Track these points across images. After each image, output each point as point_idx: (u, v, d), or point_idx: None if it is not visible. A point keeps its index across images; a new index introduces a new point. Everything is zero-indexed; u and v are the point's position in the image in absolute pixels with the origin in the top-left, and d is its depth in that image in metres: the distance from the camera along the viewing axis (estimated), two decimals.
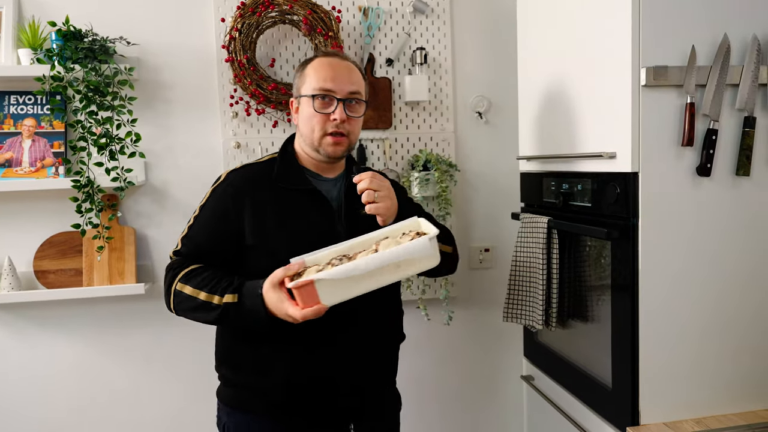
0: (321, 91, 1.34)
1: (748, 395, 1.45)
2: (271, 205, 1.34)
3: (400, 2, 2.13)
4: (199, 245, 1.36)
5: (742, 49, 1.37)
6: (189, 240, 1.38)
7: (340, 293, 1.17)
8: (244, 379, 1.37)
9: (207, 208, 1.38)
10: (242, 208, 1.33)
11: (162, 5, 2.01)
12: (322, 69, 1.36)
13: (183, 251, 1.37)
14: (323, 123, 1.35)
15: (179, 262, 1.34)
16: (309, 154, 1.40)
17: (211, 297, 1.26)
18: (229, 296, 1.24)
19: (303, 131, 1.39)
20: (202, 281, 1.28)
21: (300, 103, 1.39)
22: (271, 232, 1.33)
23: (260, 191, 1.36)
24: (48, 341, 2.02)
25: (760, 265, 1.43)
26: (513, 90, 2.02)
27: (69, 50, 1.81)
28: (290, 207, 1.36)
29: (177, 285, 1.30)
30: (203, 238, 1.36)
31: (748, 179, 1.40)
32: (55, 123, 1.94)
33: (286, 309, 1.18)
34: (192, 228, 1.38)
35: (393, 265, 1.17)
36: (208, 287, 1.27)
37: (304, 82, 1.38)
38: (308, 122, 1.36)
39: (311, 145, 1.38)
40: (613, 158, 1.42)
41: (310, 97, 1.35)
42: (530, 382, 1.96)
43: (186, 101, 2.04)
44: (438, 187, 2.09)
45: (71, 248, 1.98)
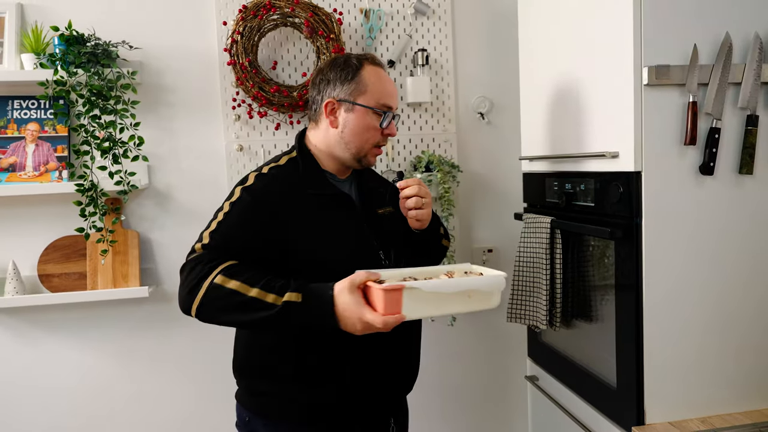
0: (385, 108, 1.37)
1: (753, 394, 1.45)
2: (304, 210, 1.32)
3: (401, 4, 2.14)
4: (232, 242, 1.27)
5: (744, 48, 1.37)
6: (220, 236, 1.28)
7: (420, 308, 1.17)
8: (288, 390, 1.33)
9: (238, 209, 1.30)
10: (278, 214, 1.30)
11: (164, 9, 2.02)
12: (383, 83, 1.38)
13: (213, 245, 1.27)
14: (379, 138, 1.38)
15: (210, 256, 1.24)
16: (339, 158, 1.39)
17: (264, 294, 1.18)
18: (292, 294, 1.17)
19: (351, 139, 1.37)
20: (253, 277, 1.20)
21: (353, 111, 1.36)
22: (307, 238, 1.30)
23: (293, 196, 1.33)
24: (52, 345, 2.03)
25: (763, 263, 1.42)
26: (514, 90, 2.03)
27: (72, 55, 1.81)
28: (321, 211, 1.34)
29: (215, 278, 1.19)
30: (237, 241, 1.28)
31: (751, 177, 1.40)
32: (58, 127, 1.95)
33: (363, 314, 1.14)
34: (222, 224, 1.29)
35: (466, 294, 1.22)
36: (261, 283, 1.19)
37: (363, 91, 1.35)
38: (363, 134, 1.36)
39: (356, 154, 1.38)
40: (616, 158, 1.42)
41: (377, 113, 1.36)
42: (534, 382, 1.96)
43: (188, 104, 2.05)
44: (440, 188, 2.09)
45: (75, 252, 1.98)
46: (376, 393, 1.40)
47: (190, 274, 1.23)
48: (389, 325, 1.13)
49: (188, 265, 1.25)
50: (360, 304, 1.15)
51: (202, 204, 2.07)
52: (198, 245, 1.28)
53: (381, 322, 1.12)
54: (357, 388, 1.35)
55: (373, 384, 1.38)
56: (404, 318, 1.14)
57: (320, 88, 1.39)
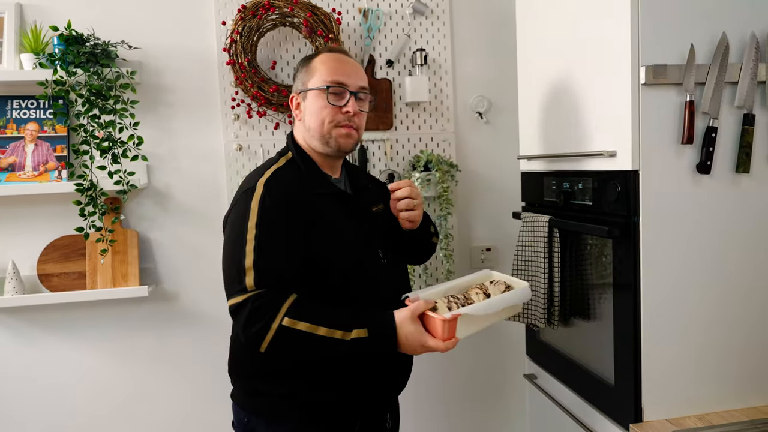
0: (334, 83, 1.34)
1: (751, 391, 1.45)
2: (315, 212, 1.31)
3: (399, 4, 2.15)
4: (283, 262, 1.24)
5: (741, 47, 1.38)
6: (266, 260, 1.23)
7: (469, 328, 1.29)
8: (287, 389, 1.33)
9: (268, 225, 1.25)
10: (300, 216, 1.28)
11: (163, 9, 2.02)
12: (333, 62, 1.36)
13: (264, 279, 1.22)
14: (334, 115, 1.34)
15: (268, 295, 1.21)
16: (317, 150, 1.39)
17: (332, 332, 1.20)
18: (360, 331, 1.21)
19: (311, 124, 1.36)
20: (318, 315, 1.21)
21: (307, 97, 1.36)
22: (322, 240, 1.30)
23: (304, 198, 1.31)
24: (52, 344, 2.03)
25: (760, 261, 1.43)
26: (513, 90, 2.03)
27: (71, 54, 1.81)
28: (328, 212, 1.34)
29: (283, 321, 1.18)
30: (284, 254, 1.25)
31: (748, 176, 1.41)
32: (57, 127, 1.95)
33: (426, 341, 1.23)
34: (263, 248, 1.23)
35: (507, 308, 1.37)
36: (327, 321, 1.20)
37: (312, 75, 1.36)
38: (318, 114, 1.34)
39: (321, 137, 1.36)
40: (614, 157, 1.43)
41: (322, 89, 1.34)
42: (533, 380, 1.97)
43: (188, 104, 2.05)
44: (439, 187, 2.10)
45: (75, 251, 1.99)
46: (375, 390, 1.41)
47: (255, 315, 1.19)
48: (449, 348, 1.23)
49: (247, 305, 1.20)
50: (422, 333, 1.24)
51: (202, 203, 2.07)
52: (249, 280, 1.21)
53: (443, 347, 1.23)
54: (356, 386, 1.36)
55: (371, 382, 1.39)
56: (458, 340, 1.25)
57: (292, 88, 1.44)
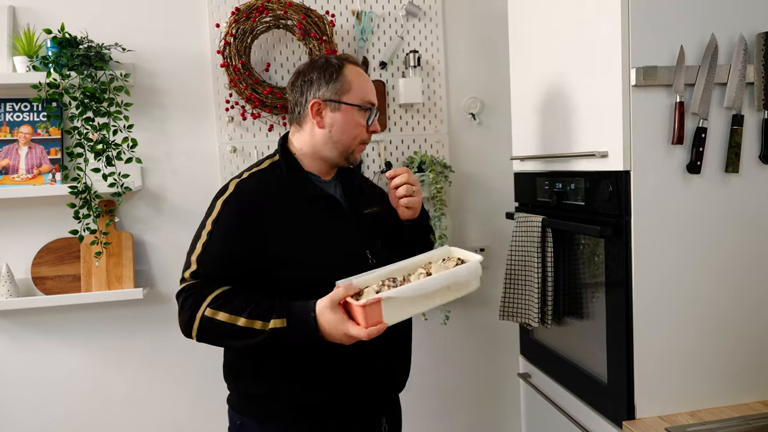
0: (369, 104, 1.40)
1: (741, 388, 1.47)
2: (288, 215, 1.33)
3: (392, 6, 2.16)
4: (221, 264, 1.28)
5: (730, 49, 1.40)
6: (208, 259, 1.28)
7: (401, 312, 1.20)
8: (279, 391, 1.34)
9: (223, 223, 1.30)
10: (262, 221, 1.30)
11: (157, 12, 2.03)
12: (365, 81, 1.41)
13: (201, 272, 1.28)
14: (364, 134, 1.40)
15: (199, 286, 1.26)
16: (325, 157, 1.40)
17: (252, 323, 1.21)
18: (277, 321, 1.20)
19: (339, 138, 1.38)
20: (238, 306, 1.22)
21: (340, 110, 1.37)
22: (292, 244, 1.31)
23: (276, 202, 1.33)
24: (47, 347, 2.03)
25: (750, 259, 1.45)
26: (505, 91, 2.05)
27: (65, 57, 1.81)
28: (306, 215, 1.35)
29: (205, 311, 1.23)
30: (224, 257, 1.29)
31: (737, 176, 1.43)
32: (51, 130, 1.95)
33: (348, 329, 1.17)
34: (208, 245, 1.29)
35: (445, 288, 1.23)
36: (246, 312, 1.21)
37: (348, 89, 1.37)
38: (351, 130, 1.38)
39: (344, 151, 1.39)
40: (605, 157, 1.45)
41: (365, 109, 1.39)
42: (527, 379, 1.98)
43: (182, 106, 2.06)
44: (433, 188, 2.11)
45: (69, 254, 1.98)
46: (368, 392, 1.40)
47: (184, 305, 1.26)
48: (373, 335, 1.16)
49: (182, 295, 1.27)
50: (343, 321, 1.18)
51: (196, 206, 2.07)
52: (187, 273, 1.29)
53: (365, 334, 1.16)
54: (348, 388, 1.36)
55: (364, 383, 1.38)
56: (386, 325, 1.17)
57: (303, 90, 1.39)
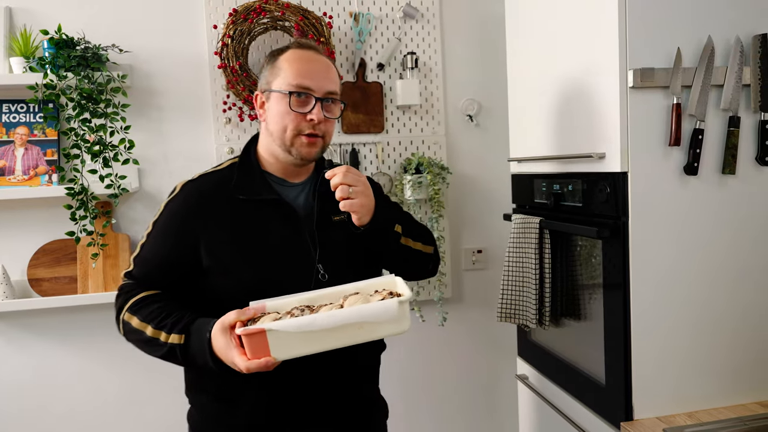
0: (298, 88, 1.21)
1: (739, 389, 1.48)
2: (229, 220, 1.22)
3: (390, 8, 2.16)
4: (151, 268, 1.24)
5: (726, 51, 1.41)
6: (141, 261, 1.25)
7: (293, 348, 1.03)
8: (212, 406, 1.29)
9: (160, 226, 1.25)
10: (198, 225, 1.22)
11: (154, 13, 2.02)
12: (299, 63, 1.23)
13: (134, 273, 1.25)
14: (298, 122, 1.22)
15: (130, 287, 1.24)
16: (277, 155, 1.27)
17: (157, 333, 1.15)
18: (175, 336, 1.13)
19: (273, 130, 1.24)
20: (150, 314, 1.17)
21: (270, 99, 1.25)
22: (228, 251, 1.21)
23: (217, 205, 1.23)
24: (43, 349, 2.02)
25: (747, 260, 1.46)
26: (502, 93, 2.05)
27: (62, 58, 1.81)
28: (250, 220, 1.23)
29: (125, 315, 1.20)
30: (156, 260, 1.24)
31: (734, 177, 1.43)
32: (48, 131, 1.94)
33: (233, 357, 1.04)
34: (144, 247, 1.25)
35: (356, 326, 1.04)
36: (155, 322, 1.15)
37: (277, 75, 1.23)
38: (280, 120, 1.22)
39: (282, 145, 1.24)
40: (603, 159, 1.45)
41: (285, 93, 1.21)
42: (525, 381, 1.98)
43: (179, 108, 2.05)
44: (430, 189, 2.11)
45: (65, 256, 1.98)
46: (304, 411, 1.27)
47: (115, 304, 1.24)
48: (252, 370, 1.02)
49: (117, 293, 1.25)
50: (230, 347, 1.05)
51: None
52: (124, 272, 1.28)
53: (244, 367, 1.02)
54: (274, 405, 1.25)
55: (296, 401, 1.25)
56: (274, 361, 1.02)
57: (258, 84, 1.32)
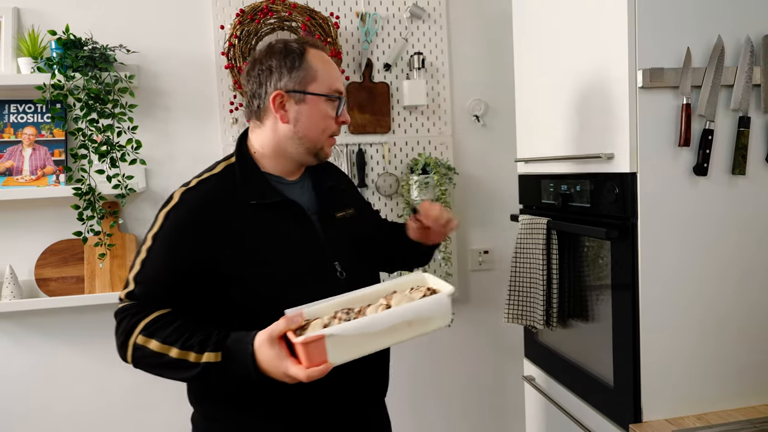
0: (337, 93, 1.25)
1: (748, 391, 1.47)
2: (242, 226, 1.18)
3: (397, 8, 2.16)
4: (159, 284, 1.15)
5: (736, 51, 1.40)
6: (145, 278, 1.15)
7: (350, 351, 1.04)
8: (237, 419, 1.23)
9: (164, 239, 1.16)
10: (210, 235, 1.16)
11: (161, 13, 2.03)
12: (330, 66, 1.25)
13: (138, 292, 1.15)
14: (333, 126, 1.26)
15: (135, 309, 1.13)
16: (289, 155, 1.25)
17: (185, 354, 1.07)
18: (210, 354, 1.06)
19: (307, 132, 1.23)
20: (171, 335, 1.09)
21: (306, 101, 1.22)
22: (247, 258, 1.17)
23: (227, 211, 1.18)
24: (50, 349, 2.02)
25: (757, 261, 1.45)
26: (509, 93, 2.05)
27: (69, 59, 1.81)
28: (263, 224, 1.20)
29: (137, 338, 1.10)
30: (164, 276, 1.15)
31: (744, 178, 1.42)
32: (55, 131, 1.95)
33: (287, 368, 1.02)
34: (146, 263, 1.15)
35: (405, 323, 1.07)
36: (179, 342, 1.08)
37: (314, 77, 1.22)
38: (319, 123, 1.23)
39: (311, 148, 1.24)
40: (612, 159, 1.44)
41: (332, 99, 1.24)
42: (532, 382, 1.97)
43: (186, 108, 2.06)
44: (437, 190, 2.11)
45: (72, 256, 1.98)
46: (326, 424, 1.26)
47: (118, 328, 1.14)
48: (313, 377, 1.00)
49: (118, 316, 1.15)
50: (282, 358, 1.03)
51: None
52: (122, 293, 1.16)
53: (305, 376, 1.00)
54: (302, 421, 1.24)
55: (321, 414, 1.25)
56: (331, 366, 1.02)
57: (261, 81, 1.22)
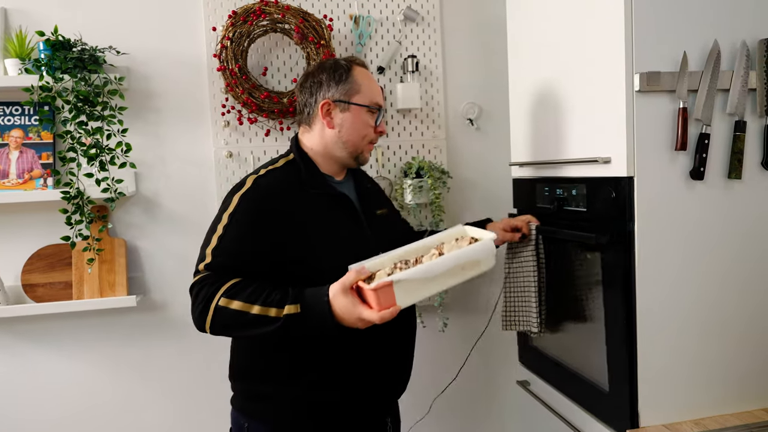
0: (377, 105, 1.46)
1: (745, 395, 1.46)
2: (309, 214, 1.35)
3: (390, 11, 2.14)
4: (235, 257, 1.29)
5: (732, 55, 1.40)
6: (223, 252, 1.29)
7: (414, 294, 1.21)
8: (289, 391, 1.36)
9: (241, 216, 1.31)
10: (280, 218, 1.32)
11: (152, 14, 2.00)
12: (373, 83, 1.46)
13: (215, 264, 1.28)
14: (372, 134, 1.46)
15: (213, 277, 1.26)
16: (336, 157, 1.45)
17: (266, 310, 1.22)
18: (291, 307, 1.21)
19: (350, 138, 1.43)
20: (252, 294, 1.23)
21: (350, 110, 1.43)
22: (310, 240, 1.33)
23: (295, 200, 1.35)
24: (37, 356, 1.98)
25: (753, 266, 1.45)
26: (503, 97, 2.04)
27: (58, 60, 1.78)
28: (327, 214, 1.38)
29: (219, 301, 1.23)
30: (243, 250, 1.30)
31: (740, 182, 1.42)
32: (43, 134, 1.91)
33: (360, 313, 1.19)
34: (224, 239, 1.29)
35: (459, 267, 1.24)
36: (261, 300, 1.22)
37: (357, 90, 1.43)
38: (361, 131, 1.44)
39: (353, 151, 1.45)
40: (608, 163, 1.43)
41: (373, 110, 1.45)
42: (526, 387, 1.96)
43: (177, 111, 2.03)
44: (431, 194, 2.09)
45: (60, 261, 1.94)
46: (377, 392, 1.44)
47: (197, 297, 1.26)
48: (386, 318, 1.18)
49: (195, 287, 1.27)
50: (355, 305, 1.19)
51: (191, 211, 2.04)
52: (201, 265, 1.29)
53: (378, 318, 1.18)
54: (360, 386, 1.39)
55: (373, 383, 1.42)
56: (400, 308, 1.19)
57: (312, 91, 1.44)
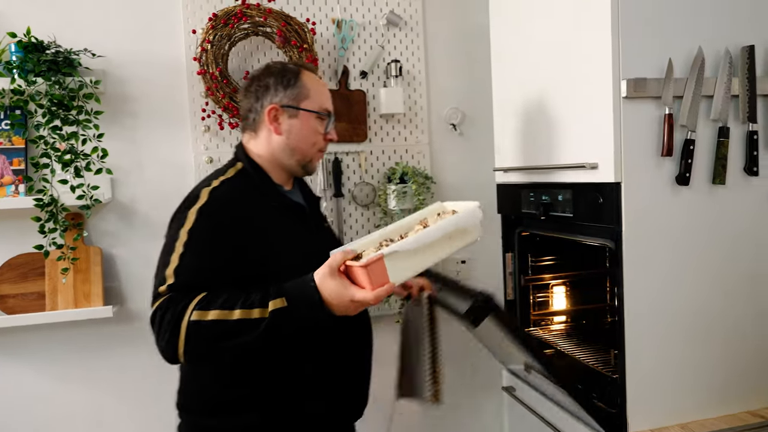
0: (326, 111, 1.38)
1: (730, 398, 1.48)
2: (268, 219, 1.30)
3: (373, 15, 2.13)
4: (201, 274, 1.19)
5: (716, 62, 1.42)
6: (186, 269, 1.18)
7: (406, 269, 1.15)
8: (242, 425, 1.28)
9: (202, 232, 1.22)
10: (240, 223, 1.25)
11: (129, 16, 1.94)
12: (323, 88, 1.40)
13: (179, 283, 1.17)
14: (321, 141, 1.39)
15: (178, 297, 1.15)
16: (285, 166, 1.37)
17: (248, 313, 1.12)
18: (276, 302, 1.13)
19: (298, 145, 1.36)
20: (228, 300, 1.14)
21: (298, 116, 1.35)
22: (275, 252, 1.27)
23: (251, 206, 1.30)
24: (9, 369, 1.91)
25: (738, 270, 1.46)
26: (486, 102, 2.04)
27: (31, 63, 1.72)
28: (283, 221, 1.33)
29: (191, 316, 1.12)
30: (206, 266, 1.20)
31: (724, 188, 1.44)
32: (14, 139, 1.84)
33: (353, 294, 1.12)
34: (185, 256, 1.19)
35: (446, 237, 1.20)
36: (239, 303, 1.13)
37: (306, 96, 1.35)
38: (310, 137, 1.37)
39: (302, 159, 1.37)
40: (595, 169, 1.44)
41: (323, 115, 1.37)
42: (512, 393, 1.95)
43: (155, 115, 1.97)
44: (415, 199, 2.08)
45: (33, 270, 1.87)
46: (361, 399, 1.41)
47: (162, 323, 1.14)
48: (381, 297, 1.11)
49: (158, 313, 1.15)
50: (346, 286, 1.13)
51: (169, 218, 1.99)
52: (162, 287, 1.18)
53: (372, 297, 1.11)
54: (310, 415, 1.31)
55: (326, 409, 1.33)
56: (394, 285, 1.12)
57: (258, 96, 1.36)
